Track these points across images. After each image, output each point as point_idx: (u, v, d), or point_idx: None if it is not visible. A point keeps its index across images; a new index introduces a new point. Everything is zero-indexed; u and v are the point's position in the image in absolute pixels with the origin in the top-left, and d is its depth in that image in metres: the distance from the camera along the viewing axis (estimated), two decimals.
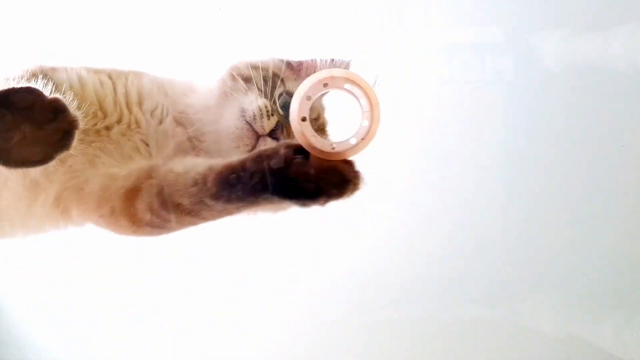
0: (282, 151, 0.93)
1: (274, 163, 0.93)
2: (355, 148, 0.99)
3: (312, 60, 1.25)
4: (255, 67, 1.19)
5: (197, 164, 1.04)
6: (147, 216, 1.06)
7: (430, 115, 1.72)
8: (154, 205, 1.05)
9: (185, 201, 1.01)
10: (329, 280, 1.78)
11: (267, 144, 1.13)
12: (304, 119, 0.99)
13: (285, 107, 1.15)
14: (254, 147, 1.14)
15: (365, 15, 1.59)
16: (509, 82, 1.67)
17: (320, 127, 1.24)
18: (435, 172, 1.79)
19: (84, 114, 0.99)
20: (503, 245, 1.79)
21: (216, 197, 0.97)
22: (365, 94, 0.98)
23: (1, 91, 0.87)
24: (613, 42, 1.60)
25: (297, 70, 1.26)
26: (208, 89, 1.22)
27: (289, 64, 1.26)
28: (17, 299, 1.84)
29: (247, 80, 1.18)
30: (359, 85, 0.99)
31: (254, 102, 1.15)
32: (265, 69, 1.20)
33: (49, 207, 1.14)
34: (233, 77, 1.18)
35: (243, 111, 1.15)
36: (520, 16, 1.68)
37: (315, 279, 1.78)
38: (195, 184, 1.00)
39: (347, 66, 1.23)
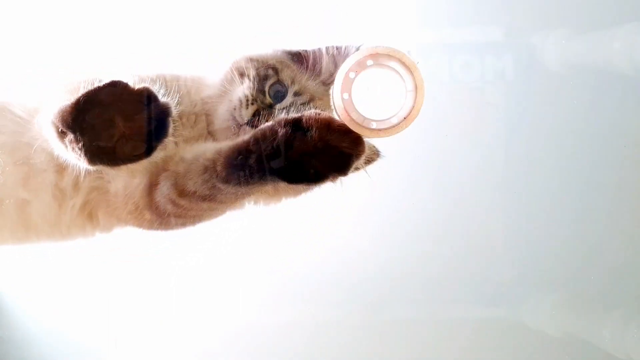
0: (281, 131, 0.93)
1: (274, 144, 0.93)
2: (396, 127, 0.99)
3: (318, 50, 1.26)
4: (252, 60, 1.21)
5: (206, 150, 1.06)
6: (169, 207, 1.07)
7: (430, 115, 1.72)
8: (172, 196, 1.06)
9: (199, 188, 1.02)
10: (329, 280, 1.78)
11: (247, 132, 1.12)
12: (345, 96, 0.98)
13: (277, 96, 1.19)
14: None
15: (364, 14, 1.59)
16: (509, 82, 1.67)
17: None
18: (436, 172, 1.79)
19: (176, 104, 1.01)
20: (503, 246, 1.79)
21: (226, 180, 0.98)
22: (410, 72, 0.97)
23: (89, 92, 0.88)
24: (613, 42, 1.60)
25: (303, 59, 1.27)
26: (213, 84, 1.24)
27: (292, 55, 1.27)
28: (20, 298, 1.85)
29: (242, 74, 1.19)
30: (404, 64, 0.98)
31: (238, 93, 1.16)
32: (262, 61, 1.21)
33: (76, 214, 1.16)
34: (232, 72, 1.20)
35: (230, 103, 1.17)
36: (520, 16, 1.68)
37: (315, 279, 1.78)
38: (206, 170, 1.01)
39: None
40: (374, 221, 1.80)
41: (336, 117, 1.00)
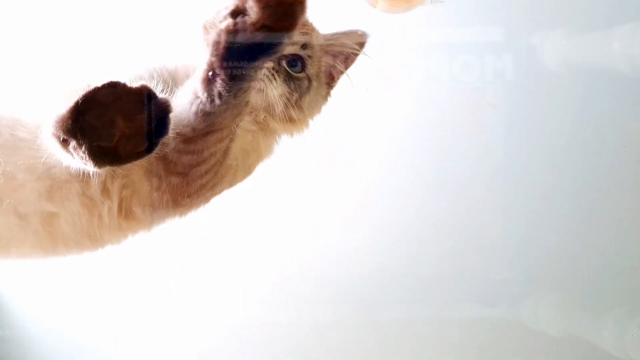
0: (223, 26, 0.92)
1: (225, 40, 0.92)
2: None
3: None
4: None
5: (184, 91, 1.05)
6: (184, 159, 1.07)
7: (430, 115, 1.73)
8: (179, 145, 1.05)
9: (194, 124, 1.02)
10: (328, 279, 1.78)
11: None
12: None
13: None
14: None
15: (364, 13, 1.59)
16: (509, 82, 1.67)
17: None
18: (436, 172, 1.79)
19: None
20: (503, 245, 1.80)
21: (211, 100, 0.98)
22: None
23: (87, 93, 0.88)
24: (613, 42, 1.60)
25: None
26: (200, 57, 1.23)
27: None
28: (20, 298, 1.85)
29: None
30: None
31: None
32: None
33: (114, 217, 1.14)
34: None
35: None
36: (520, 16, 1.68)
37: (314, 279, 1.78)
38: (191, 103, 1.01)
39: None
40: (374, 221, 1.81)
41: None
